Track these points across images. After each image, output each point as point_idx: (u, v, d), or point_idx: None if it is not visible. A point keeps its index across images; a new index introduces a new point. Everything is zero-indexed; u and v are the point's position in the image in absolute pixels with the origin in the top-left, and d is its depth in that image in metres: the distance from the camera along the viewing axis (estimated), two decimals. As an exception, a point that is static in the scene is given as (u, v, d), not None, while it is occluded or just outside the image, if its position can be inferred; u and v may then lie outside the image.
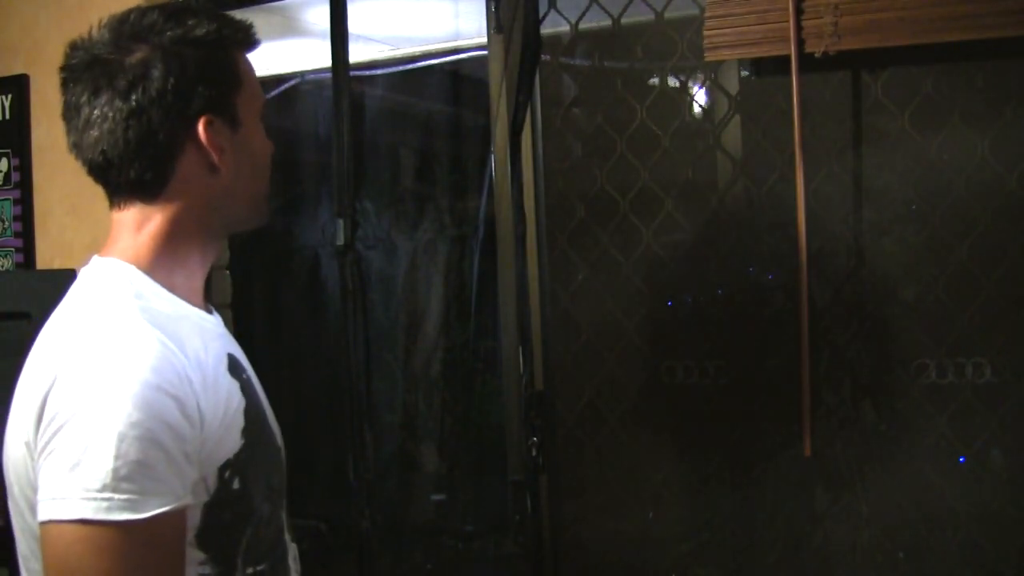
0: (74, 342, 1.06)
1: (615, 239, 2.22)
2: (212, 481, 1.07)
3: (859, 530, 2.04)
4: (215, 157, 1.15)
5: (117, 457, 0.97)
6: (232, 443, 1.09)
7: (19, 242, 2.75)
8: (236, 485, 1.09)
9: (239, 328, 2.61)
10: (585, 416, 2.26)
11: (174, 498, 1.00)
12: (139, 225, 1.17)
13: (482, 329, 2.63)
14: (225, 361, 1.15)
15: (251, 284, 2.84)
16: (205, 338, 1.15)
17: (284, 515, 1.22)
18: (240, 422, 1.11)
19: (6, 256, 2.77)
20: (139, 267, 1.16)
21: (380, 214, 2.82)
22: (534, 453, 2.15)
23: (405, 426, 2.78)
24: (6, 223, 2.77)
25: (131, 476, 0.97)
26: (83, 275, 1.17)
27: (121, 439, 0.98)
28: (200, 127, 1.14)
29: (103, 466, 0.97)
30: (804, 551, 2.09)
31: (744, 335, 2.15)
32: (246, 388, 1.16)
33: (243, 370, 1.19)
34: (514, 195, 2.16)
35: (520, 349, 2.16)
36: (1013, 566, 1.94)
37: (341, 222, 2.31)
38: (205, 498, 1.06)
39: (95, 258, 1.18)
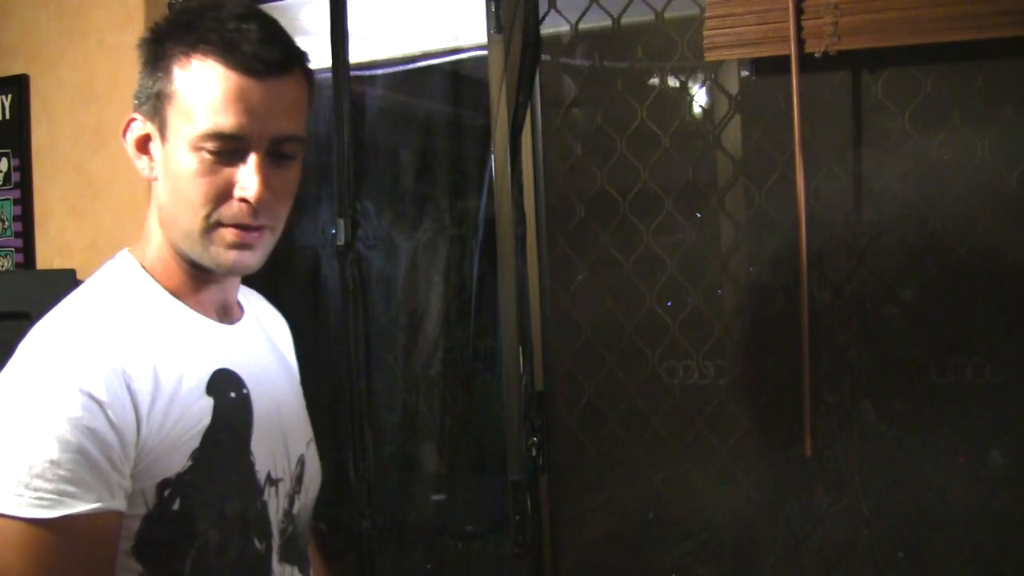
0: (26, 339, 1.06)
1: (615, 239, 2.22)
2: (150, 496, 1.04)
3: (859, 530, 2.04)
4: (136, 160, 1.14)
5: (33, 455, 0.97)
6: (176, 462, 1.06)
7: (19, 242, 2.75)
8: (176, 505, 1.05)
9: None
10: (585, 416, 2.26)
11: (93, 501, 0.98)
12: (149, 212, 1.17)
13: (482, 329, 2.63)
14: (207, 377, 1.11)
15: (251, 284, 2.84)
16: (193, 350, 1.12)
17: (271, 549, 1.16)
18: (194, 443, 1.07)
19: (6, 256, 2.77)
20: (143, 263, 1.16)
21: (380, 214, 2.82)
22: (534, 453, 2.15)
23: (405, 426, 2.78)
24: (6, 223, 2.77)
25: (45, 475, 0.97)
26: (101, 269, 1.18)
27: (36, 437, 0.97)
28: (125, 124, 1.14)
29: (16, 462, 0.97)
30: (804, 551, 2.09)
31: (744, 335, 2.15)
32: (226, 408, 1.12)
33: (234, 388, 1.14)
34: (514, 195, 2.15)
35: (520, 349, 2.16)
36: (1013, 566, 1.94)
37: (341, 222, 2.31)
38: (143, 510, 1.04)
39: (121, 251, 1.19)
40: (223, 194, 1.09)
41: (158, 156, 1.13)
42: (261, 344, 1.27)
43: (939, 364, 1.98)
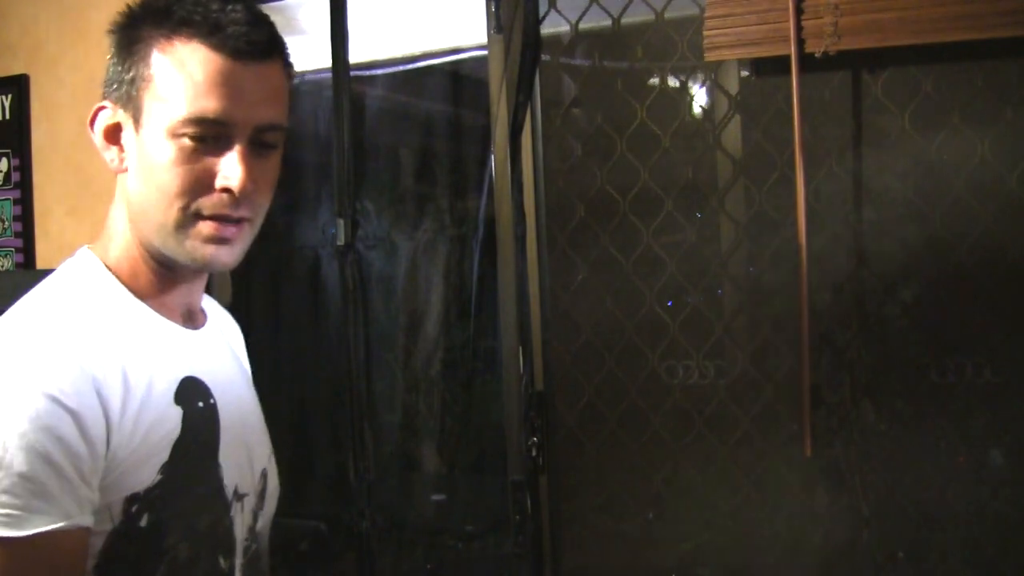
0: None
1: (615, 239, 2.22)
2: (117, 512, 0.98)
3: (859, 530, 2.04)
4: (104, 151, 1.08)
5: None
6: (144, 476, 0.99)
7: (19, 242, 2.75)
8: (144, 522, 0.99)
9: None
10: (585, 416, 2.26)
11: (63, 517, 0.92)
12: (112, 207, 1.11)
13: (482, 329, 2.63)
14: (175, 386, 1.05)
15: (251, 284, 2.84)
16: (160, 356, 1.06)
17: (234, 568, 1.11)
18: (163, 456, 1.01)
19: (6, 256, 2.77)
20: (106, 262, 1.09)
21: (380, 214, 2.82)
22: (534, 453, 2.15)
23: (405, 426, 2.78)
24: (6, 223, 2.77)
25: (13, 490, 0.90)
26: (59, 267, 1.11)
27: (4, 449, 0.91)
28: (94, 112, 1.08)
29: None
30: (804, 551, 2.09)
31: (744, 335, 2.15)
32: (194, 418, 1.06)
33: (202, 397, 1.08)
34: (514, 195, 2.16)
35: (520, 349, 2.16)
36: (1013, 566, 1.94)
37: (341, 222, 2.31)
38: (109, 527, 0.98)
39: (81, 249, 1.12)
40: (203, 184, 1.03)
41: (130, 146, 1.06)
42: (224, 352, 1.22)
43: (939, 364, 1.98)
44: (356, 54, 2.42)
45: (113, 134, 1.08)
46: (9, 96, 2.74)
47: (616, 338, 2.23)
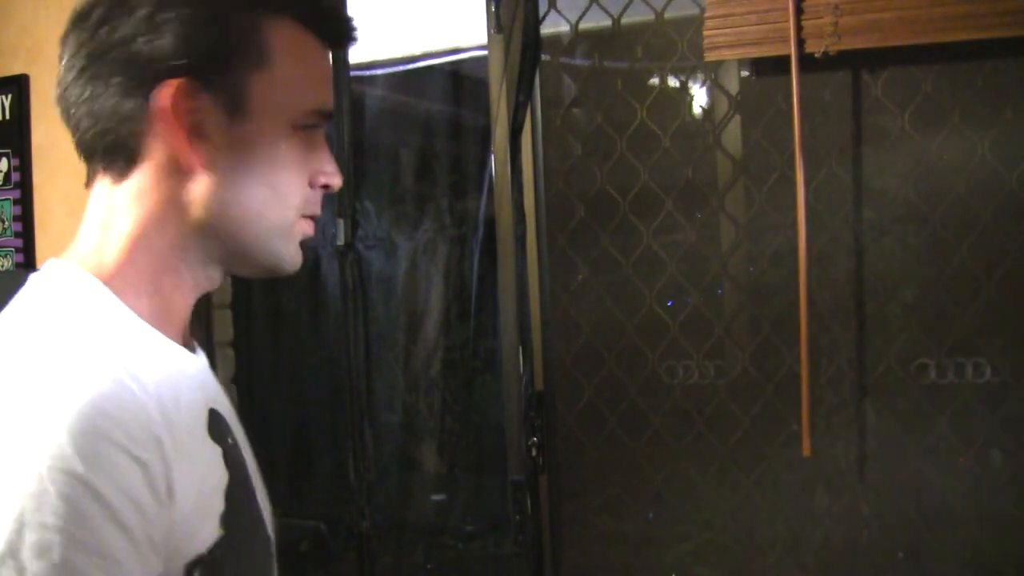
0: (10, 380, 0.76)
1: (615, 239, 2.22)
2: None
3: (859, 530, 2.04)
4: (183, 144, 0.84)
5: (73, 536, 0.69)
6: (208, 533, 0.80)
7: (19, 242, 2.75)
8: None
9: (238, 330, 2.61)
10: (585, 416, 2.26)
11: None
12: (106, 218, 0.90)
13: (482, 329, 2.63)
14: (205, 420, 0.86)
15: (251, 284, 2.84)
16: (181, 386, 0.84)
17: None
18: (219, 505, 0.82)
19: (6, 256, 2.77)
20: (103, 279, 0.86)
21: (380, 214, 2.82)
22: (534, 453, 2.15)
23: (405, 426, 2.78)
24: (6, 223, 2.77)
25: (87, 570, 0.69)
26: (31, 284, 0.86)
27: (69, 514, 0.69)
28: (165, 90, 0.83)
29: (33, 548, 0.68)
30: (804, 551, 2.09)
31: (744, 335, 2.15)
32: (230, 458, 0.87)
33: (228, 432, 0.90)
34: (514, 195, 2.16)
35: (520, 349, 2.16)
36: (1013, 566, 1.94)
37: (341, 222, 2.31)
38: None
39: (50, 262, 0.88)
40: (307, 181, 0.91)
41: (220, 138, 0.85)
42: (215, 380, 1.00)
43: (939, 364, 1.98)
44: (356, 54, 2.42)
45: (203, 124, 0.85)
46: (9, 96, 2.74)
47: (616, 338, 2.23)
